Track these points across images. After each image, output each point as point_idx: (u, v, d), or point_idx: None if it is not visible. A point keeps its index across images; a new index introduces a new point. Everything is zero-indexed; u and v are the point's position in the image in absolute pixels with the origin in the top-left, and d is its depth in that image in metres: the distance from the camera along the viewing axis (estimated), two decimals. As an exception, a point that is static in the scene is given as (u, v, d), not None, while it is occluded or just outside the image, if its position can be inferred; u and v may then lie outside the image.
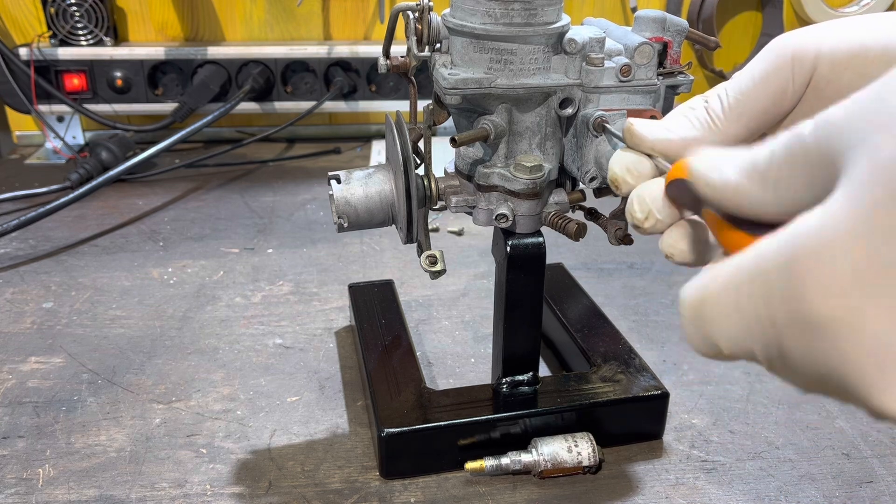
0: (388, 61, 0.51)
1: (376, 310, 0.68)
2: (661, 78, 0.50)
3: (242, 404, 0.62)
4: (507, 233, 0.53)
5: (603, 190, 0.52)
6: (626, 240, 0.52)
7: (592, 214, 0.56)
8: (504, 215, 0.51)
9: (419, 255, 0.53)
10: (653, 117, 0.49)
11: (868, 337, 0.21)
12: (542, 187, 0.51)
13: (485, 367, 0.67)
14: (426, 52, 0.50)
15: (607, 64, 0.48)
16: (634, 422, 0.59)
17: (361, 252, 0.88)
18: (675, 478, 0.55)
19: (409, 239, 0.52)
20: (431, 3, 0.49)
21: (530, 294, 0.55)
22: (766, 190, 0.25)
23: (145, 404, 0.62)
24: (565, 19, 0.50)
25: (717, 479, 0.55)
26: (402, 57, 0.51)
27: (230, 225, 0.95)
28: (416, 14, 0.49)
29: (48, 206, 0.89)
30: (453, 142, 0.49)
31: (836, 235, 0.21)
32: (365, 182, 0.52)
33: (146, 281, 0.81)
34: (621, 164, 0.35)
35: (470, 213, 0.54)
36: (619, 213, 0.52)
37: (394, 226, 0.54)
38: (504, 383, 0.58)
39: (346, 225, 0.52)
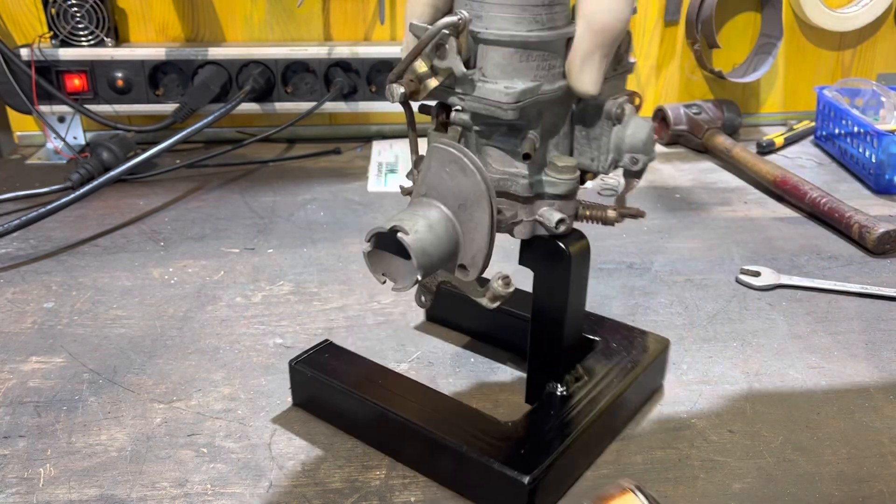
0: (402, 88, 0.47)
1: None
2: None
3: (243, 404, 0.62)
4: (550, 237, 0.53)
5: (627, 172, 0.52)
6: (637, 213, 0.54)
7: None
8: (564, 219, 0.51)
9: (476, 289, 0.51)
10: (635, 95, 0.53)
11: None
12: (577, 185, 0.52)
13: (485, 366, 0.67)
14: (468, 70, 0.47)
15: None
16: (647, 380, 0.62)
17: (362, 252, 0.88)
18: (674, 477, 0.55)
19: (481, 273, 0.50)
20: (470, 17, 0.46)
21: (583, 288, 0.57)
22: None
23: (146, 404, 0.62)
24: None
25: (717, 479, 0.55)
26: (411, 80, 0.48)
27: (231, 225, 0.96)
28: (454, 30, 0.46)
29: (49, 207, 0.89)
30: (527, 157, 0.49)
31: None
32: (429, 226, 0.48)
33: (147, 281, 0.81)
34: None
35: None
36: (622, 200, 0.55)
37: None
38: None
39: (420, 278, 0.47)
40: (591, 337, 0.63)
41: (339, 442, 0.58)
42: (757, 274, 0.83)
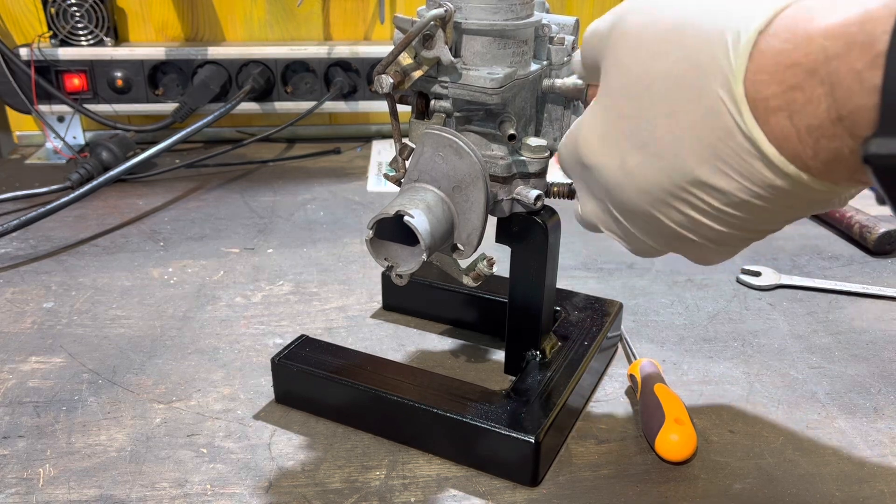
0: (391, 79, 0.48)
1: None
2: None
3: (243, 404, 0.62)
4: (527, 213, 0.56)
5: None
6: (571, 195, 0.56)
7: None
8: (540, 195, 0.54)
9: (462, 268, 0.55)
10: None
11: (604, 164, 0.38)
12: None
13: (482, 366, 0.67)
14: (454, 60, 0.49)
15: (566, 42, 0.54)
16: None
17: (362, 252, 0.88)
18: (674, 477, 0.55)
19: (475, 251, 0.53)
20: (454, 8, 0.48)
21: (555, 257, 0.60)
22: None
23: (146, 404, 0.62)
24: None
25: (717, 479, 0.55)
26: (396, 72, 0.49)
27: (230, 225, 0.96)
28: (441, 22, 0.48)
29: (49, 206, 0.89)
30: (512, 137, 0.51)
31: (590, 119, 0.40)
32: (429, 209, 0.50)
33: (146, 281, 0.81)
34: None
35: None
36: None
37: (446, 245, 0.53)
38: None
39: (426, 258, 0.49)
40: (556, 307, 0.68)
41: (339, 442, 0.58)
42: (757, 274, 0.83)
